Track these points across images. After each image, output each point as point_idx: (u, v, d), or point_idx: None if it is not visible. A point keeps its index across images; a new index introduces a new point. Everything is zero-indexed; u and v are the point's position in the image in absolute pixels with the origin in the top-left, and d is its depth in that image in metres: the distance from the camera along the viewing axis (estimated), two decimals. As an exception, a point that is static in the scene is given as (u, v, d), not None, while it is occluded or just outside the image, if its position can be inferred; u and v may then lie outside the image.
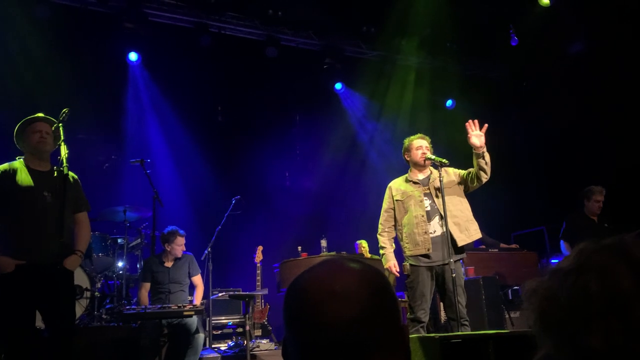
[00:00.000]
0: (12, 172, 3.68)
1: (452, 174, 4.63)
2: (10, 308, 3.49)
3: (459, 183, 4.59)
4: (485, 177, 4.44)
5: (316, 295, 0.85)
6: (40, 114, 3.86)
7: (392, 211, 4.66)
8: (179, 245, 5.46)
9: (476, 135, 4.31)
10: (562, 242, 6.25)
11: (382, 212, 4.73)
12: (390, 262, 4.55)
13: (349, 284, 0.85)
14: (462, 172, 4.62)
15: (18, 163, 3.77)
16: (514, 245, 7.39)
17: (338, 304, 0.83)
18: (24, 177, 3.69)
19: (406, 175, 4.74)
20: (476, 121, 4.36)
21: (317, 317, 0.83)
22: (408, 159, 4.73)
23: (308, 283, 0.88)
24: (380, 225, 4.70)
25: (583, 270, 0.82)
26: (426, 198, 4.52)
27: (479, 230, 4.55)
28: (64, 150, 3.45)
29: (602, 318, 0.77)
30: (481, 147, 4.30)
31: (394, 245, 4.68)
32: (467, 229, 4.45)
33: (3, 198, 3.60)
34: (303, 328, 0.85)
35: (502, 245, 7.16)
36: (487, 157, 4.37)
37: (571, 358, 0.80)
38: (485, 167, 4.38)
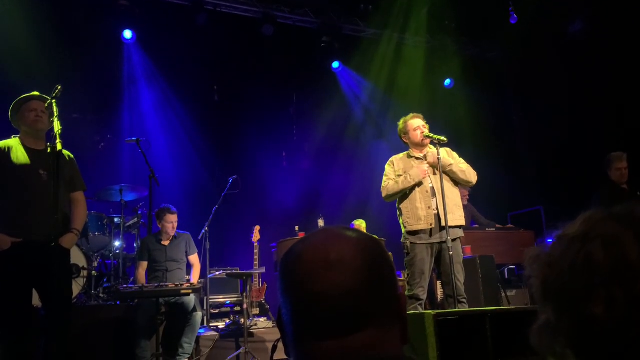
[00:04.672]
0: (8, 151, 3.69)
1: (452, 158, 4.61)
2: (6, 286, 3.50)
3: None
4: (465, 179, 4.52)
5: (311, 264, 0.83)
6: (36, 93, 3.85)
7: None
8: (168, 223, 5.41)
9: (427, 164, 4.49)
10: None
11: (384, 181, 4.63)
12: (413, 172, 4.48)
13: (344, 253, 0.84)
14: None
15: (13, 141, 3.78)
16: (509, 226, 7.38)
17: (333, 272, 0.82)
18: (19, 155, 3.70)
19: (407, 152, 4.73)
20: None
21: (311, 286, 0.82)
22: (407, 140, 4.70)
23: (303, 251, 0.86)
24: (384, 189, 4.60)
25: (588, 238, 0.81)
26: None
27: (463, 218, 4.59)
28: (57, 126, 3.42)
29: (605, 287, 0.76)
30: (439, 166, 4.39)
31: None
32: (452, 212, 4.42)
33: (-1, 176, 3.59)
34: (297, 297, 0.84)
35: (497, 226, 7.15)
36: (453, 169, 4.47)
37: (572, 326, 0.79)
38: (457, 176, 4.49)
